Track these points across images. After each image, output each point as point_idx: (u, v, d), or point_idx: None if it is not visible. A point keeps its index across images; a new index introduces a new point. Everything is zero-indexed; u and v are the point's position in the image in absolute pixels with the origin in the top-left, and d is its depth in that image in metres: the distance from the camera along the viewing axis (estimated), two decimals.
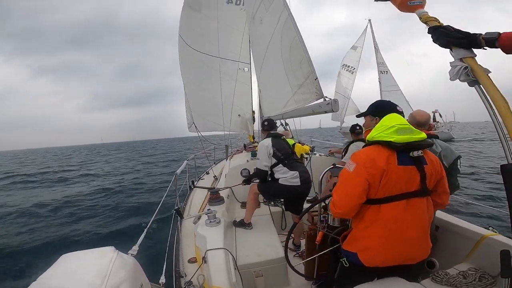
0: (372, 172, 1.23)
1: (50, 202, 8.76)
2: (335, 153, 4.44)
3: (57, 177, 15.86)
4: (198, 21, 5.79)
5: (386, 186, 1.24)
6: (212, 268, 1.59)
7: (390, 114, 1.37)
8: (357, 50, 22.79)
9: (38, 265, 4.17)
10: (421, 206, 1.28)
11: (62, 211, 7.71)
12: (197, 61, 5.90)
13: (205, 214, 2.23)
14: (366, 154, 1.29)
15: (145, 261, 1.53)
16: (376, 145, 1.29)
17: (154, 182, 11.70)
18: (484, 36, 0.93)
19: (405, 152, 1.25)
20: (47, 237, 5.61)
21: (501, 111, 0.87)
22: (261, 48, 3.79)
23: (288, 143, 2.86)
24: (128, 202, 8.36)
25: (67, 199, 9.10)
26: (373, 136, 1.31)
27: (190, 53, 5.83)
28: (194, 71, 5.89)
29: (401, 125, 1.27)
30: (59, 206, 8.21)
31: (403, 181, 1.24)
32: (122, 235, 5.43)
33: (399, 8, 1.23)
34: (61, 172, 18.77)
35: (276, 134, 2.83)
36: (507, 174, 0.86)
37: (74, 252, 1.19)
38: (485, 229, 1.84)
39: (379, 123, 1.36)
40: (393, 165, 1.23)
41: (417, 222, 1.27)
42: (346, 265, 1.40)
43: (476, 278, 1.56)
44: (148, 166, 19.02)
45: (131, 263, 1.21)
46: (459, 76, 0.96)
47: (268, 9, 3.41)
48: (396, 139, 1.23)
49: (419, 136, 1.27)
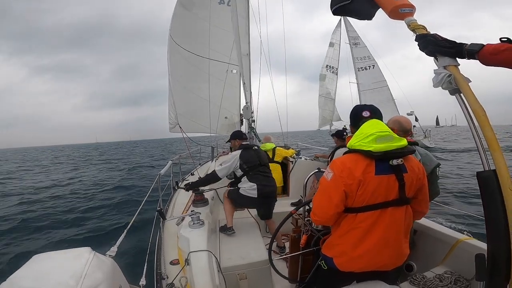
0: (348, 182, 1.22)
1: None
2: (321, 157, 4.50)
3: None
4: (189, 20, 5.71)
5: (363, 196, 1.23)
6: (195, 270, 1.56)
7: (370, 120, 1.34)
8: (335, 47, 21.84)
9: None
10: (398, 215, 1.28)
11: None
12: (186, 61, 5.80)
13: (189, 216, 2.20)
14: (343, 163, 1.27)
15: (125, 262, 1.48)
16: (355, 154, 1.28)
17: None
18: (468, 48, 0.97)
19: (384, 160, 1.23)
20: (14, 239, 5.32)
21: (480, 120, 0.91)
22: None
23: (260, 153, 2.86)
24: (108, 200, 8.11)
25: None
26: (352, 144, 1.29)
27: (179, 52, 5.72)
28: (182, 71, 5.78)
29: (380, 132, 1.24)
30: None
31: (381, 191, 1.23)
32: (101, 236, 5.25)
33: (389, 15, 1.24)
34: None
35: (246, 146, 2.83)
36: (482, 180, 0.90)
37: (47, 252, 1.14)
38: (460, 233, 1.91)
39: (358, 130, 1.33)
40: (370, 174, 1.22)
41: (392, 231, 1.27)
42: (324, 267, 1.43)
43: (451, 281, 1.60)
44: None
45: (108, 264, 1.17)
46: (442, 84, 0.99)
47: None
48: (375, 148, 1.21)
49: (399, 143, 1.24)
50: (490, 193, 0.87)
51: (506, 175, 0.84)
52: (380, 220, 1.25)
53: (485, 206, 0.89)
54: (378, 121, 1.34)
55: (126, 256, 3.41)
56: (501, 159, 0.85)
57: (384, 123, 1.39)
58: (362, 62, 21.12)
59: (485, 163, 0.92)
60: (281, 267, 1.94)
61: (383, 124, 1.33)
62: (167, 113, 5.31)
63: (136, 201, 7.37)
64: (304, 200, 2.14)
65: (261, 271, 2.08)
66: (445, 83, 0.98)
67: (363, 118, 1.40)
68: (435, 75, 1.03)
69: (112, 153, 40.60)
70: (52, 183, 12.41)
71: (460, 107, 0.99)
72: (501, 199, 0.84)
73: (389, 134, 1.25)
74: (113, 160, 25.31)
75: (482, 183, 0.90)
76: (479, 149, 0.94)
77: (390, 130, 1.28)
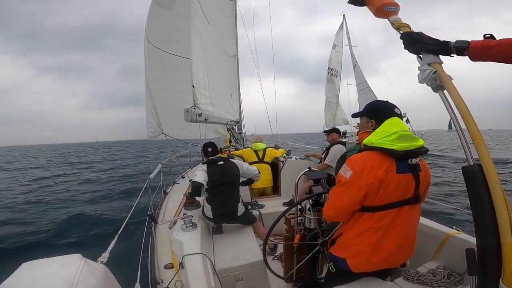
0: (369, 181, 1.19)
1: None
2: (311, 156, 4.54)
3: None
4: (167, 19, 5.30)
5: (384, 195, 1.21)
6: (190, 273, 1.55)
7: (391, 118, 1.30)
8: (337, 50, 21.76)
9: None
10: (413, 213, 1.30)
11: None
12: (164, 63, 5.31)
13: (181, 219, 2.18)
14: (363, 161, 1.23)
15: (117, 268, 1.46)
16: (375, 151, 1.23)
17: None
18: (455, 45, 1.00)
19: (403, 159, 1.22)
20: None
21: (464, 116, 0.93)
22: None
23: (225, 170, 2.61)
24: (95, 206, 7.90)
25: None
26: (373, 141, 1.25)
27: (155, 54, 5.23)
28: (161, 74, 5.29)
29: (402, 131, 1.22)
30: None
31: (401, 190, 1.23)
32: (91, 243, 5.11)
33: (375, 14, 1.26)
34: None
35: (211, 161, 2.65)
36: (468, 175, 0.91)
37: (37, 260, 1.11)
38: (450, 228, 1.96)
39: (379, 127, 1.29)
40: (392, 173, 1.20)
41: (407, 229, 1.29)
42: (332, 270, 1.39)
43: (444, 276, 1.62)
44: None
45: (101, 270, 1.14)
46: (428, 80, 1.02)
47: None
48: (399, 147, 1.18)
49: (418, 143, 1.24)
50: (476, 188, 0.88)
51: (492, 169, 0.85)
52: (398, 219, 1.25)
53: (472, 201, 0.89)
54: (399, 119, 1.32)
55: (118, 262, 3.34)
56: (486, 153, 0.86)
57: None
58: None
59: (469, 157, 0.93)
60: (276, 267, 1.95)
61: (403, 123, 1.31)
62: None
63: (125, 205, 7.23)
64: (296, 200, 2.15)
65: (257, 271, 2.08)
66: (430, 79, 1.01)
67: (396, 115, 1.35)
68: (420, 71, 1.05)
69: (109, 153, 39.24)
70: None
71: (443, 103, 1.02)
72: (487, 193, 0.85)
73: (410, 133, 1.24)
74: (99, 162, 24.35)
75: (468, 177, 0.90)
76: (463, 144, 0.95)
77: (409, 130, 1.26)
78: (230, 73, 6.19)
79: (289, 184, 3.88)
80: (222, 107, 5.13)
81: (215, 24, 5.30)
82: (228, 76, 5.99)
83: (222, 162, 2.65)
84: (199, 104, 3.52)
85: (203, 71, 4.08)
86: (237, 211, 2.58)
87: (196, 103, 3.44)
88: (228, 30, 6.24)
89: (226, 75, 5.77)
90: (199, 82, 3.76)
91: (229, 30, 6.28)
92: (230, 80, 6.09)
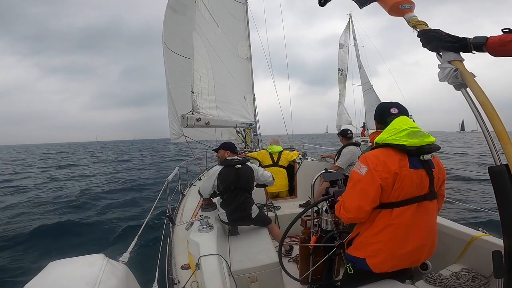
0: (384, 175, 1.20)
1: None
2: (327, 157, 4.48)
3: None
4: (182, 24, 5.36)
5: (399, 190, 1.21)
6: (206, 274, 1.57)
7: (399, 117, 1.34)
8: (344, 50, 21.69)
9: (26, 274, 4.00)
10: (431, 209, 1.29)
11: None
12: (182, 68, 5.35)
13: (198, 220, 2.21)
14: (377, 157, 1.25)
15: (137, 268, 1.49)
16: (387, 148, 1.26)
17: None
18: (472, 41, 0.96)
19: (415, 155, 1.24)
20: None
21: (489, 113, 0.90)
22: None
23: (242, 175, 2.59)
24: (117, 208, 8.14)
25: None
26: (384, 138, 1.28)
27: (173, 59, 5.36)
28: (179, 78, 5.33)
29: (412, 128, 1.25)
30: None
31: (415, 185, 1.23)
32: (112, 243, 5.28)
33: (389, 12, 1.24)
34: None
35: (229, 163, 2.60)
36: (494, 175, 0.87)
37: (62, 259, 1.15)
38: (475, 230, 1.88)
39: (389, 125, 1.32)
40: (405, 168, 1.21)
41: (428, 225, 1.28)
42: (350, 272, 1.37)
43: (469, 279, 1.57)
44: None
45: (122, 270, 1.18)
46: (449, 79, 0.99)
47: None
48: (409, 143, 1.21)
49: (429, 139, 1.25)
50: (503, 188, 0.85)
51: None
52: (418, 215, 1.24)
53: (499, 202, 0.87)
54: (407, 117, 1.35)
55: (137, 261, 3.43)
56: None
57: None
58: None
59: (496, 157, 0.91)
60: (291, 269, 1.93)
61: (412, 121, 1.33)
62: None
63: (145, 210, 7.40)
64: (312, 201, 2.13)
65: (272, 273, 2.08)
66: (451, 77, 0.98)
67: (392, 115, 1.41)
68: (440, 70, 1.02)
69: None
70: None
71: (466, 102, 0.99)
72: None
73: (420, 130, 1.26)
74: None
75: (494, 178, 0.87)
76: (489, 143, 0.92)
77: (419, 127, 1.29)
78: (243, 75, 6.20)
79: (305, 186, 3.85)
80: (233, 110, 5.15)
81: (225, 27, 5.37)
82: (241, 78, 6.01)
83: (239, 165, 2.61)
84: (200, 109, 3.55)
85: (208, 76, 4.14)
86: (251, 213, 2.59)
87: (196, 108, 3.48)
88: (240, 33, 6.28)
89: (239, 77, 5.80)
90: (202, 87, 3.83)
91: (240, 33, 6.31)
92: (243, 83, 6.09)
